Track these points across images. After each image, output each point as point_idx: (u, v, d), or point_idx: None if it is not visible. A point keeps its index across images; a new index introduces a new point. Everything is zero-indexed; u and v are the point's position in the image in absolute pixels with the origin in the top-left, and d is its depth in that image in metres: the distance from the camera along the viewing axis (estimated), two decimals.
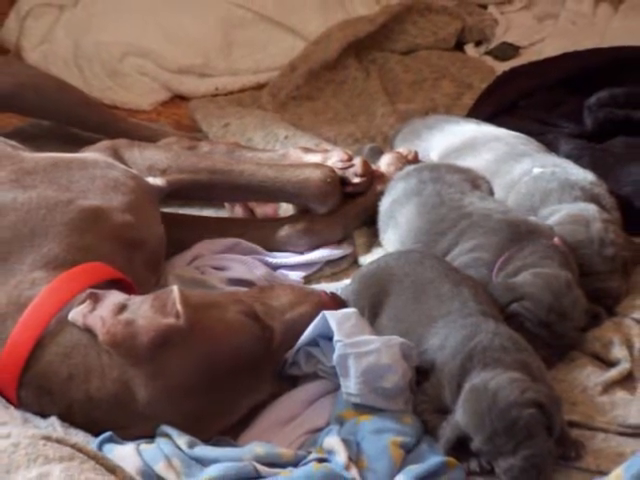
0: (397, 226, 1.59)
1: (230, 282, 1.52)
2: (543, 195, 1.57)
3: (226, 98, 2.20)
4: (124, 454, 1.16)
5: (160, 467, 1.15)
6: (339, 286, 1.50)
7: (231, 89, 2.25)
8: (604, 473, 1.15)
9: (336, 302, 1.34)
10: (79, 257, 1.29)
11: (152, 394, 1.18)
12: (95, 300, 1.20)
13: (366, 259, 1.61)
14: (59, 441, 1.09)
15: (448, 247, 1.50)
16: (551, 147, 1.75)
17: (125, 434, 1.19)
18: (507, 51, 2.34)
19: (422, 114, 1.99)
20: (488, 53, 2.36)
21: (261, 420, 1.28)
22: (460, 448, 1.19)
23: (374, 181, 1.69)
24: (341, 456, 1.16)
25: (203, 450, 1.18)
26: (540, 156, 1.67)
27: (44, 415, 1.21)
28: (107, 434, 1.18)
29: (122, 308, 1.20)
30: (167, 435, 1.18)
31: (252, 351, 1.23)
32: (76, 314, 1.19)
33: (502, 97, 2.01)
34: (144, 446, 1.17)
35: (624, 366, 1.35)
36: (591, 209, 1.52)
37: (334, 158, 1.70)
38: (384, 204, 1.64)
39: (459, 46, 2.38)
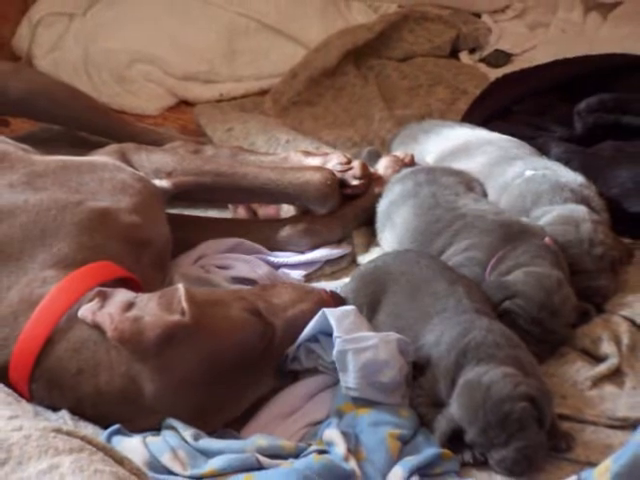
0: (394, 226, 1.60)
1: (233, 280, 1.54)
2: (535, 197, 1.59)
3: (230, 104, 2.22)
4: (131, 446, 1.17)
5: (166, 458, 1.17)
6: (339, 284, 1.51)
7: (235, 95, 2.27)
8: (593, 464, 1.15)
9: (336, 300, 1.36)
10: (88, 256, 1.31)
11: (158, 388, 1.19)
12: (104, 298, 1.22)
13: (364, 258, 1.62)
14: (69, 433, 1.08)
15: (443, 247, 1.52)
16: (542, 151, 1.76)
17: (132, 427, 1.20)
18: (500, 58, 2.36)
19: (418, 119, 2.00)
20: (482, 60, 2.38)
21: (263, 413, 1.29)
22: (455, 440, 1.21)
23: (372, 183, 1.71)
24: (340, 448, 1.18)
25: (207, 442, 1.19)
26: (532, 159, 1.68)
27: (55, 408, 1.22)
28: (115, 427, 1.19)
29: (130, 305, 1.21)
30: (173, 428, 1.20)
31: (254, 347, 1.24)
32: (85, 311, 1.21)
33: (495, 102, 2.01)
34: (150, 438, 1.19)
35: (612, 361, 1.37)
36: (581, 210, 1.53)
37: (334, 161, 1.72)
38: (382, 205, 1.66)
39: (454, 53, 2.40)
